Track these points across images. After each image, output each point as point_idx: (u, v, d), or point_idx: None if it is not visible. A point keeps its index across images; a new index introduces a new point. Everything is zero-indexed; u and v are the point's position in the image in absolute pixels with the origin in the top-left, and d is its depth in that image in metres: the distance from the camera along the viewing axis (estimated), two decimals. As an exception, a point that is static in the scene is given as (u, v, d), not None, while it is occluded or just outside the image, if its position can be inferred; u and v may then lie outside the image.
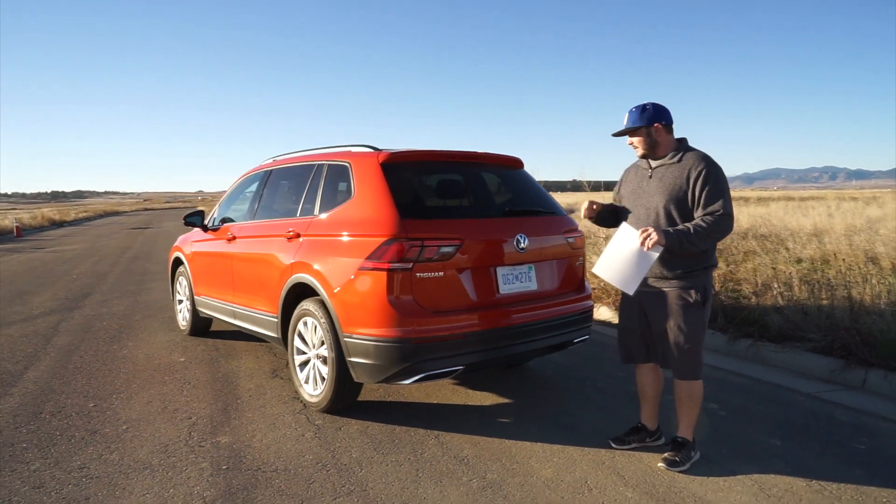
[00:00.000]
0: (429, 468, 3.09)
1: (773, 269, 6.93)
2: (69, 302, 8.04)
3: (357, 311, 3.44)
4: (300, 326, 3.97)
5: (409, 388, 4.31)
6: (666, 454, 3.09)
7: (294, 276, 3.94)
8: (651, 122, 3.06)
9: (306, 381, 3.97)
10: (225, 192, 5.85)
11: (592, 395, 4.19)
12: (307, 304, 3.84)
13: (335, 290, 3.56)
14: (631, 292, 3.06)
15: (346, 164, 3.91)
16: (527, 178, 4.25)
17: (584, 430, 3.57)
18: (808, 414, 3.82)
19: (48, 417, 3.85)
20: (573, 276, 4.08)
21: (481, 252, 3.54)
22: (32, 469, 3.12)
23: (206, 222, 5.59)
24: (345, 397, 3.73)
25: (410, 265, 3.31)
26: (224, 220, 5.42)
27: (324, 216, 3.91)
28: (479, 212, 3.89)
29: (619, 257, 3.02)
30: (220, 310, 5.16)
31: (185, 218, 5.60)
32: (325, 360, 3.77)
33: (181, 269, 6.11)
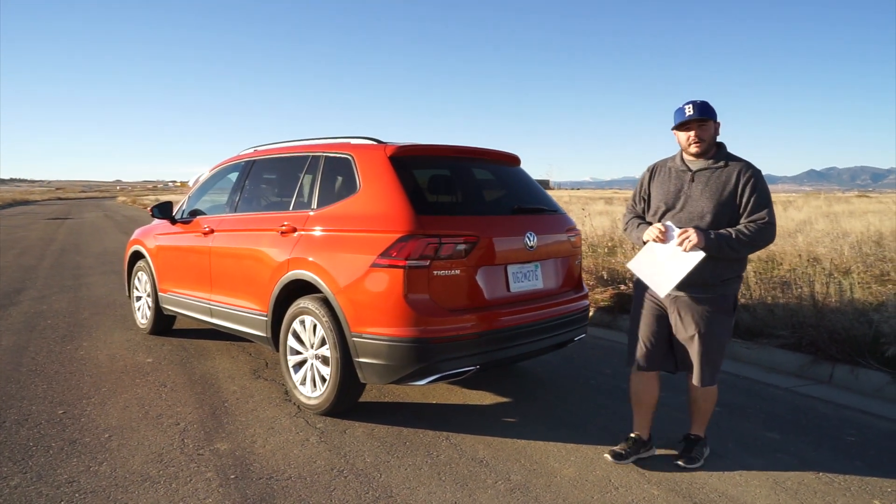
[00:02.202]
0: (449, 471, 3.01)
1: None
2: (0, 298, 7.38)
3: (368, 310, 3.31)
4: (295, 325, 3.78)
5: (406, 389, 4.20)
6: (681, 451, 3.15)
7: (291, 273, 3.75)
8: (716, 118, 2.91)
9: (302, 383, 3.78)
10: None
11: (589, 393, 4.23)
12: (305, 302, 3.67)
13: (342, 288, 3.41)
14: (662, 295, 2.92)
15: (349, 157, 3.76)
16: (525, 176, 4.23)
17: (591, 429, 3.58)
18: (793, 408, 4.00)
19: (14, 427, 3.49)
20: (573, 275, 4.10)
21: (495, 250, 3.48)
22: (13, 485, 2.81)
23: (174, 214, 5.25)
24: (347, 399, 3.59)
25: (428, 262, 3.22)
26: (194, 213, 5.11)
27: (324, 210, 3.74)
28: (490, 209, 3.84)
29: (657, 256, 2.88)
30: (194, 307, 4.85)
31: (153, 209, 5.24)
32: (325, 361, 3.61)
33: (141, 263, 5.72)
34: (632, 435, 3.19)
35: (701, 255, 2.78)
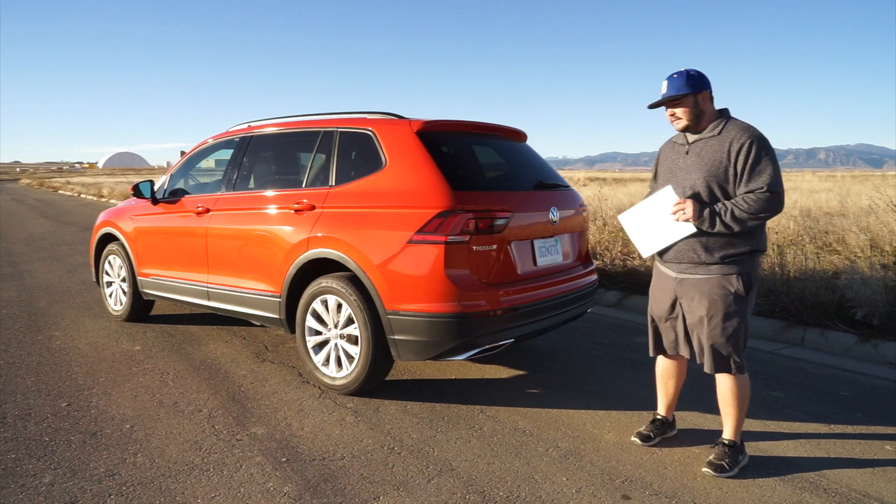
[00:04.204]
0: (498, 442, 3.06)
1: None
2: (-64, 288, 6.74)
3: (404, 287, 3.28)
4: (316, 305, 3.69)
5: (421, 366, 4.20)
6: (712, 457, 2.82)
7: (311, 252, 3.65)
8: (699, 90, 2.70)
9: (325, 363, 3.71)
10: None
11: (597, 363, 4.37)
12: (328, 281, 3.58)
13: (375, 266, 3.35)
14: (645, 256, 2.87)
15: (369, 132, 3.67)
16: (535, 152, 4.28)
17: (613, 395, 3.72)
18: (784, 369, 4.30)
19: (18, 422, 3.24)
20: (583, 250, 4.21)
21: (525, 225, 3.53)
22: (47, 482, 2.62)
23: (154, 193, 4.95)
24: (377, 377, 3.56)
25: (468, 238, 3.22)
26: (177, 193, 4.85)
27: (346, 186, 3.64)
28: (515, 184, 3.87)
29: (649, 217, 2.77)
30: (186, 291, 4.62)
31: (135, 187, 4.93)
32: (352, 340, 3.55)
33: (113, 247, 5.38)
34: (657, 416, 3.13)
35: (691, 229, 2.66)
